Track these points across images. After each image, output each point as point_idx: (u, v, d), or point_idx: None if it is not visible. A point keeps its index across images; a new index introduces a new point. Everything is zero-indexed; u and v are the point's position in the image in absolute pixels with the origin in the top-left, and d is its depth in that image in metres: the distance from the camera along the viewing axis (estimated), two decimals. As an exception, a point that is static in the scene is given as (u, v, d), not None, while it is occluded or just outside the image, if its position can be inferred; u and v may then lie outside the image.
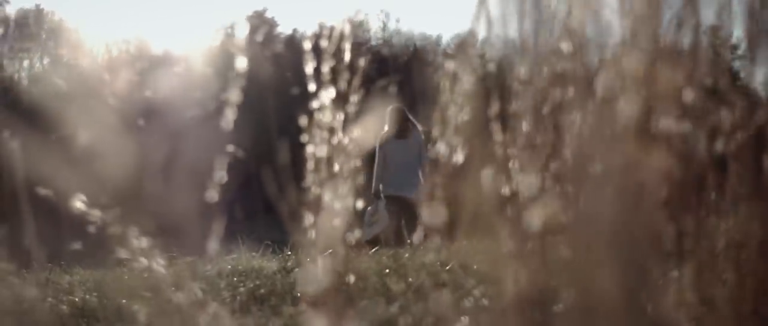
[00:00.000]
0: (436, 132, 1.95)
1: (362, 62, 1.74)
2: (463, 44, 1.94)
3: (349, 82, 1.73)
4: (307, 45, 1.75)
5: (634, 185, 0.96)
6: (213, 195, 1.81)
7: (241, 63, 1.87)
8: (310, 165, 1.71)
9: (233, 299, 3.13)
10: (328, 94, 1.73)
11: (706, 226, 1.30)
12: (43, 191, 1.79)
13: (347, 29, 1.73)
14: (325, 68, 1.74)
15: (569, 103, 1.20)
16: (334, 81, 1.73)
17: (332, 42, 1.73)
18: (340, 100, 1.75)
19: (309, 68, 1.74)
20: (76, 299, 3.47)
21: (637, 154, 0.97)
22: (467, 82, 1.93)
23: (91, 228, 1.60)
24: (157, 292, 1.76)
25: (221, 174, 1.81)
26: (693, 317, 1.20)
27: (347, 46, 1.71)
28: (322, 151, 1.71)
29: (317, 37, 1.79)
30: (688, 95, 1.28)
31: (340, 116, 1.74)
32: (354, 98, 1.74)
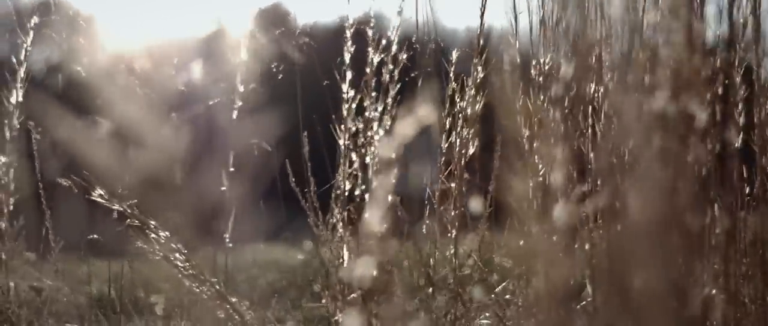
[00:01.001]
0: (449, 124, 1.93)
1: (403, 55, 1.73)
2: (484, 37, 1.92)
3: (391, 74, 1.73)
4: (348, 34, 1.75)
5: (665, 179, 0.95)
6: (237, 186, 1.80)
7: (266, 55, 1.87)
8: (338, 158, 1.71)
9: (253, 291, 3.13)
10: (362, 86, 1.73)
11: (731, 222, 1.29)
12: (66, 181, 1.79)
13: (396, 21, 1.72)
14: (358, 60, 1.73)
15: (602, 94, 1.19)
16: (369, 73, 1.72)
17: (373, 33, 1.72)
18: (378, 93, 1.74)
19: (347, 58, 1.74)
20: (93, 290, 3.47)
21: (669, 148, 0.96)
22: (487, 73, 1.92)
23: (115, 219, 1.59)
24: (176, 284, 1.75)
25: (246, 166, 1.81)
26: (720, 314, 1.19)
27: (395, 37, 1.70)
28: (353, 144, 1.70)
29: (343, 30, 1.78)
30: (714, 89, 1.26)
31: (378, 108, 1.74)
32: (392, 90, 1.73)
